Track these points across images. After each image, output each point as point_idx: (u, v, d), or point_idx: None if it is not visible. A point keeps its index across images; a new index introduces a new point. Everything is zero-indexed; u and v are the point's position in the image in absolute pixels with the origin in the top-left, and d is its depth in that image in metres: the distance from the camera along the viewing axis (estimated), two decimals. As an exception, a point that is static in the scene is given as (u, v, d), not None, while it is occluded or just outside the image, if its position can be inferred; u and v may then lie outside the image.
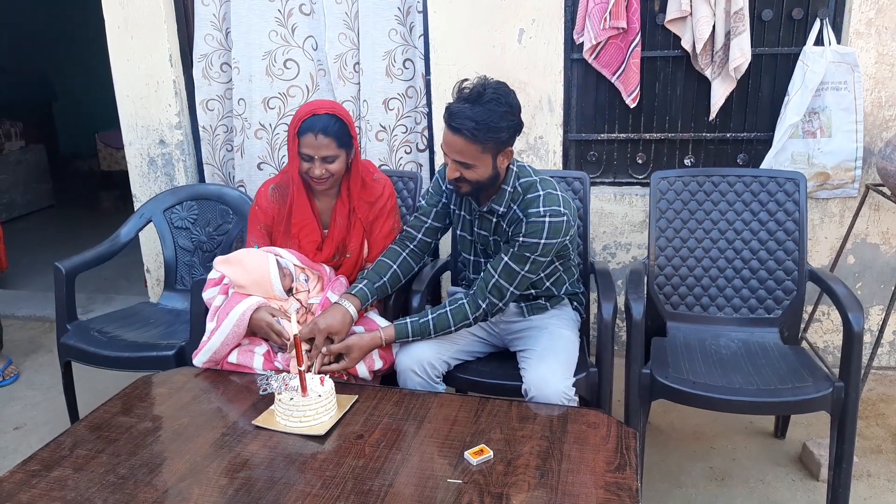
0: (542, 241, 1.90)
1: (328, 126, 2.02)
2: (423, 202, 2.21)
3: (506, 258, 1.95)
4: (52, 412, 2.88)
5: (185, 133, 3.32)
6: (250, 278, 2.03)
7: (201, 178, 3.41)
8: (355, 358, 1.95)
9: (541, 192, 1.94)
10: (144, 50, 3.20)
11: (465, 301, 2.00)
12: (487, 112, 1.79)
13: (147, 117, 3.31)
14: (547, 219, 1.90)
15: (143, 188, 3.42)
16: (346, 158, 2.11)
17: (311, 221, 2.19)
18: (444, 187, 2.16)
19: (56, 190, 6.69)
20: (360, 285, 2.06)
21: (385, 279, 2.11)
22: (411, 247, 2.19)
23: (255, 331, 2.01)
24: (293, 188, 2.15)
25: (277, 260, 2.08)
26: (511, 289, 1.97)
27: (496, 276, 1.96)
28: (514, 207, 1.97)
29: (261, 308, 1.99)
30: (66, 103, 8.12)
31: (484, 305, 1.98)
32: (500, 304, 1.99)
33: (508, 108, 1.83)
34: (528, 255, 1.92)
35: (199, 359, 2.01)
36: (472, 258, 2.18)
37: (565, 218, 1.92)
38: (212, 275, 2.16)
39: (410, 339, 2.00)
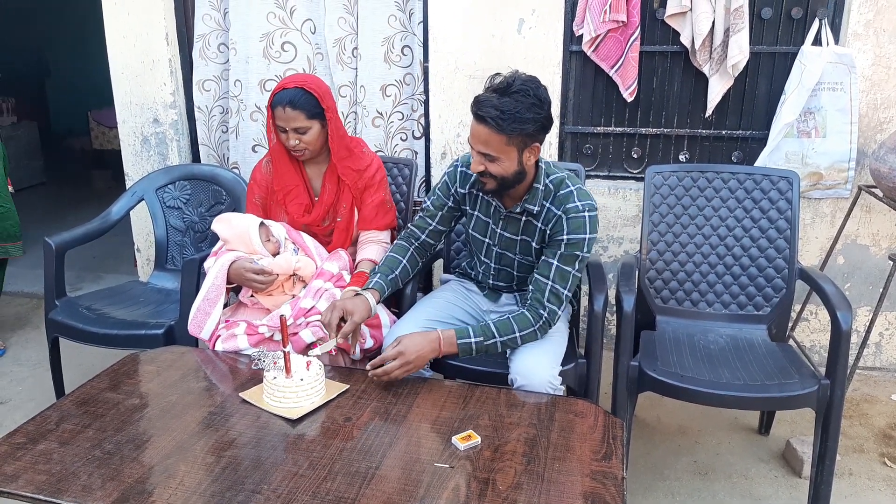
0: (587, 235, 1.89)
1: (294, 99, 2.09)
2: (428, 203, 2.16)
3: (555, 262, 1.91)
4: (39, 388, 2.87)
5: (179, 112, 3.29)
6: (233, 232, 2.16)
7: (195, 158, 3.39)
8: (406, 355, 1.80)
9: (572, 188, 1.92)
10: (140, 27, 3.17)
11: (524, 310, 1.94)
12: (514, 102, 1.75)
13: (141, 95, 3.28)
14: (586, 213, 1.89)
15: (135, 167, 3.40)
16: (321, 128, 2.17)
17: (296, 186, 2.27)
18: (452, 190, 2.10)
19: (47, 167, 6.64)
20: (375, 279, 2.05)
21: (396, 273, 2.10)
22: (416, 244, 2.17)
23: (237, 282, 2.11)
24: (275, 158, 2.24)
25: (267, 224, 2.19)
26: (566, 292, 1.92)
27: (550, 282, 1.91)
28: (548, 205, 1.93)
29: (238, 259, 2.10)
30: (59, 80, 8.05)
31: (545, 314, 1.91)
32: (559, 311, 1.93)
33: (537, 100, 1.78)
34: (577, 253, 1.90)
35: (190, 319, 2.09)
36: (483, 258, 2.14)
37: (597, 212, 1.92)
38: (215, 248, 2.24)
39: (473, 340, 1.87)
